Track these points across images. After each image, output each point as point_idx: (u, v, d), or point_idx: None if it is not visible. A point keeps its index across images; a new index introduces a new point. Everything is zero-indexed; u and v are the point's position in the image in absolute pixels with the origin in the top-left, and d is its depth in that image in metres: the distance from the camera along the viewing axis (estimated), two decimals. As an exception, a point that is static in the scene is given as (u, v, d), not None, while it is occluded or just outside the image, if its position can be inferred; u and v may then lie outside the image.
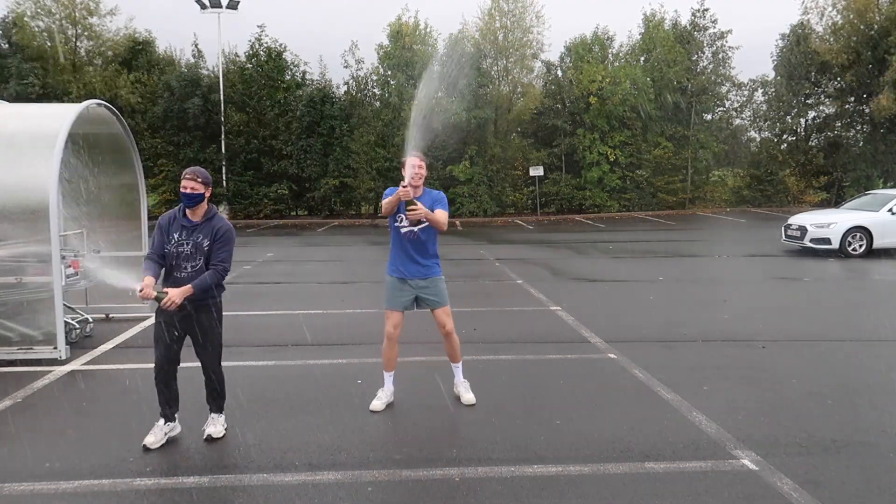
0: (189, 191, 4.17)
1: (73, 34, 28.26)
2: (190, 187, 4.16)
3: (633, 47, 30.46)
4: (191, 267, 4.21)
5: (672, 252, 15.23)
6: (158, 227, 4.26)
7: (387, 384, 5.08)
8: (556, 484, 3.70)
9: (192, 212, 4.24)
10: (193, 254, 4.21)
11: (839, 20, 29.01)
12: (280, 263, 13.75)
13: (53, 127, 6.29)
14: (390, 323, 4.95)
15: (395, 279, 4.95)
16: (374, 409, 4.87)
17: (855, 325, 7.57)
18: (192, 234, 4.22)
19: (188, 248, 4.21)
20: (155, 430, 4.27)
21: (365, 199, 29.75)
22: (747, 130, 33.13)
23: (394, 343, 5.00)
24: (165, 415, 4.33)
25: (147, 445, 4.17)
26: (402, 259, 4.91)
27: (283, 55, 28.94)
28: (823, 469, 3.86)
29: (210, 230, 4.25)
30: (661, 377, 5.60)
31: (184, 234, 4.22)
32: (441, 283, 4.98)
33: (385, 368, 5.08)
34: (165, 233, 4.24)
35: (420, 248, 4.89)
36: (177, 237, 4.22)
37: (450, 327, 4.98)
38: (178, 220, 4.26)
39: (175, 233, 4.22)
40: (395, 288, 4.93)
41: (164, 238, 4.23)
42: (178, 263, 4.21)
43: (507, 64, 29.28)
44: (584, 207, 28.39)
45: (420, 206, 4.64)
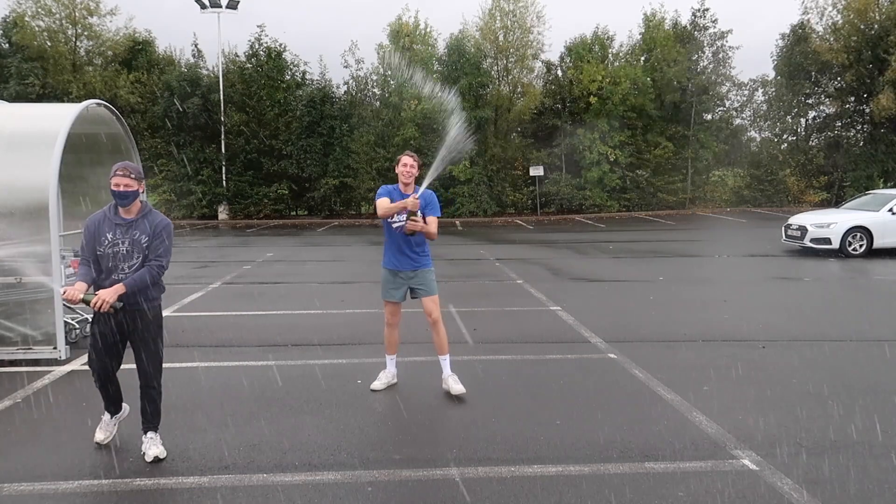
0: (122, 188, 3.90)
1: (73, 34, 28.25)
2: (123, 184, 3.89)
3: (633, 47, 30.46)
4: (128, 267, 3.95)
5: (672, 252, 15.22)
6: (86, 229, 3.98)
7: (389, 366, 5.40)
8: (556, 484, 3.70)
9: (125, 209, 3.97)
10: (131, 252, 3.95)
11: (839, 20, 29.04)
12: (280, 263, 13.75)
13: (53, 127, 6.28)
14: (388, 312, 5.34)
15: (388, 271, 5.25)
16: (375, 388, 5.20)
17: (855, 325, 7.56)
18: (127, 231, 3.95)
19: (125, 246, 3.95)
20: (103, 426, 4.22)
21: (365, 199, 29.75)
22: (747, 130, 33.16)
23: (393, 329, 5.36)
24: (110, 410, 4.23)
25: (98, 442, 4.16)
26: (394, 252, 5.18)
27: (282, 55, 28.96)
28: (823, 469, 3.86)
29: (147, 226, 4.00)
30: (661, 377, 5.59)
31: (118, 232, 3.95)
32: (430, 275, 5.23)
33: (387, 351, 5.41)
34: (95, 234, 3.96)
35: (410, 241, 5.15)
36: (111, 237, 3.95)
37: (436, 315, 5.18)
38: (110, 218, 3.98)
39: (108, 233, 3.95)
40: (389, 280, 5.24)
41: (96, 240, 3.95)
42: (115, 265, 3.93)
43: (507, 64, 29.28)
44: (584, 207, 28.39)
45: (420, 220, 4.91)
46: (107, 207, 4.04)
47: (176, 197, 28.07)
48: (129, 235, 3.95)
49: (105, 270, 3.95)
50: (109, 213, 4.02)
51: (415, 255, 5.19)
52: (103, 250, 3.94)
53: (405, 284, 5.20)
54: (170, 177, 27.94)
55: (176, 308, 8.83)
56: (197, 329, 7.66)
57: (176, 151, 27.78)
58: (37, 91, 25.59)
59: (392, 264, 5.22)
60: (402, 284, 5.20)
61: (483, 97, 28.26)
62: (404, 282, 5.19)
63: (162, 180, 27.85)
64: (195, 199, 27.74)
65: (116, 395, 4.20)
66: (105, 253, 3.94)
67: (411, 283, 5.19)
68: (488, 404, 4.98)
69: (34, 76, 25.76)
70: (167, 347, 6.97)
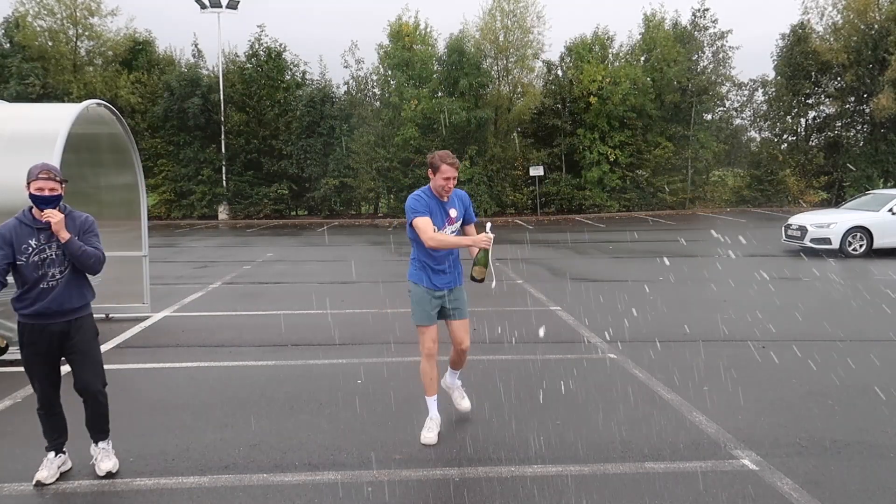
0: (48, 192, 3.63)
1: (74, 34, 28.26)
2: (48, 188, 3.63)
3: (633, 47, 30.44)
4: (59, 273, 3.70)
5: (672, 252, 15.22)
6: (2, 238, 3.62)
7: (432, 410, 4.43)
8: (556, 484, 3.70)
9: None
10: (61, 256, 3.69)
11: (839, 20, 29.03)
12: (280, 263, 13.75)
13: (53, 127, 6.29)
14: (427, 338, 4.35)
15: (423, 290, 4.36)
16: (428, 441, 4.23)
17: (855, 325, 7.56)
18: (52, 235, 3.66)
19: (52, 251, 3.67)
20: (46, 464, 3.79)
21: (365, 199, 29.76)
22: (747, 130, 33.16)
23: (434, 361, 4.39)
24: (55, 447, 3.84)
25: (41, 481, 3.71)
26: (432, 269, 4.34)
27: (282, 55, 28.96)
28: (823, 469, 3.86)
29: (74, 225, 3.74)
30: (661, 377, 5.60)
31: (42, 237, 3.66)
32: (465, 292, 4.53)
33: (426, 392, 4.43)
34: (11, 243, 3.61)
35: (450, 256, 4.42)
36: (34, 243, 3.64)
37: (468, 345, 4.51)
38: (28, 224, 3.66)
39: (30, 239, 3.64)
40: (424, 300, 4.34)
41: (14, 249, 3.61)
42: (44, 272, 3.65)
43: (507, 64, 29.27)
44: (584, 207, 28.39)
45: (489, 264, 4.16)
46: (20, 213, 3.73)
47: (176, 197, 28.08)
48: (55, 239, 3.67)
49: (29, 282, 3.64)
50: (25, 218, 3.69)
51: (452, 271, 4.42)
52: (27, 259, 3.63)
53: (440, 304, 4.40)
54: (170, 177, 27.94)
55: (176, 308, 8.83)
56: (197, 329, 7.66)
57: (176, 151, 27.78)
58: (37, 91, 25.59)
59: (428, 282, 4.35)
60: (438, 304, 4.39)
61: (483, 97, 28.24)
62: (440, 301, 4.39)
63: (162, 180, 27.86)
64: (195, 199, 27.74)
65: (62, 422, 3.88)
66: (30, 262, 3.63)
67: (446, 303, 4.40)
68: (488, 404, 4.98)
69: (35, 76, 25.76)
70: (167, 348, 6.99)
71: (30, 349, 3.71)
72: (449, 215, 4.33)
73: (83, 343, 3.78)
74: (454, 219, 4.38)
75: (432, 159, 4.22)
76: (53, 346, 3.73)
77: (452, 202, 4.35)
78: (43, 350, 3.71)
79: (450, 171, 4.19)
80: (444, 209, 4.31)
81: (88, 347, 3.80)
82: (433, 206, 4.26)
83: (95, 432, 3.92)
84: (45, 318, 3.67)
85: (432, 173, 4.23)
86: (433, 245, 4.12)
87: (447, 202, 4.32)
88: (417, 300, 4.34)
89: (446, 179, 4.19)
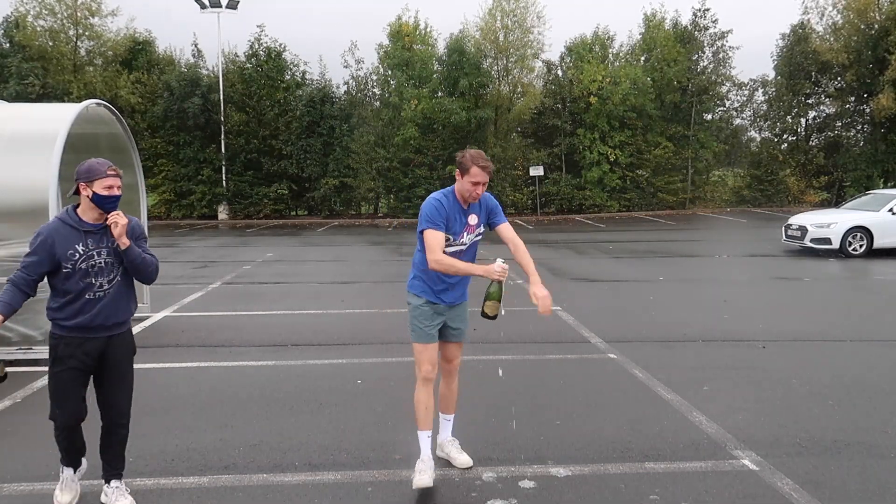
0: (117, 191, 3.22)
1: (74, 34, 28.26)
2: (117, 186, 3.23)
3: (633, 47, 30.45)
4: (107, 282, 3.28)
5: (672, 252, 15.22)
6: (41, 243, 3.18)
7: (424, 450, 3.71)
8: (556, 484, 3.70)
9: (99, 213, 3.25)
10: (112, 264, 3.27)
11: (839, 20, 29.01)
12: (280, 263, 13.75)
13: (53, 127, 6.29)
14: (425, 359, 3.77)
15: (426, 304, 3.79)
16: (423, 485, 3.58)
17: (855, 325, 7.56)
18: (102, 239, 3.25)
19: (102, 257, 3.24)
20: (68, 484, 3.47)
21: (365, 199, 29.75)
22: (747, 130, 33.14)
23: (431, 387, 3.80)
24: (74, 463, 3.50)
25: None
26: (439, 282, 3.77)
27: (282, 55, 28.95)
28: (823, 469, 3.86)
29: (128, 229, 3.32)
30: (661, 377, 5.60)
31: (90, 241, 3.23)
32: (466, 309, 4.01)
33: (419, 425, 3.76)
34: (57, 248, 3.17)
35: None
36: (81, 248, 3.20)
37: (458, 363, 4.01)
38: (74, 226, 3.22)
39: (77, 244, 3.19)
40: (426, 316, 3.78)
41: (60, 255, 3.17)
42: (91, 282, 3.23)
43: (507, 64, 29.27)
44: (584, 207, 28.38)
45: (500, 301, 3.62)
46: (62, 213, 3.29)
47: (176, 197, 28.08)
48: (105, 244, 3.26)
49: (73, 292, 3.22)
50: (70, 219, 3.25)
51: (463, 287, 3.89)
52: (73, 266, 3.19)
53: (442, 319, 3.85)
54: (170, 177, 27.93)
55: (176, 308, 8.83)
56: (197, 329, 7.66)
57: (176, 151, 27.77)
58: (37, 91, 25.58)
59: (431, 294, 3.79)
60: (441, 320, 3.84)
61: (483, 97, 28.23)
62: (441, 316, 3.84)
63: (162, 180, 27.85)
64: (195, 199, 27.75)
65: (82, 441, 3.47)
66: (76, 269, 3.19)
67: (448, 319, 3.86)
68: (488, 404, 4.98)
69: (34, 76, 25.75)
70: (167, 347, 6.99)
71: (63, 365, 3.26)
72: (468, 223, 3.79)
73: (122, 362, 3.41)
74: (473, 227, 3.82)
75: (462, 159, 3.66)
76: (91, 362, 3.31)
77: (473, 207, 3.81)
78: (78, 366, 3.28)
79: (480, 175, 3.62)
80: (464, 215, 3.77)
81: (126, 368, 3.44)
82: (453, 212, 3.72)
83: (112, 466, 3.47)
84: (86, 331, 3.26)
85: (460, 175, 3.66)
86: (436, 269, 3.62)
87: (468, 208, 3.79)
88: (418, 316, 3.79)
89: (475, 185, 3.64)
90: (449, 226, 3.69)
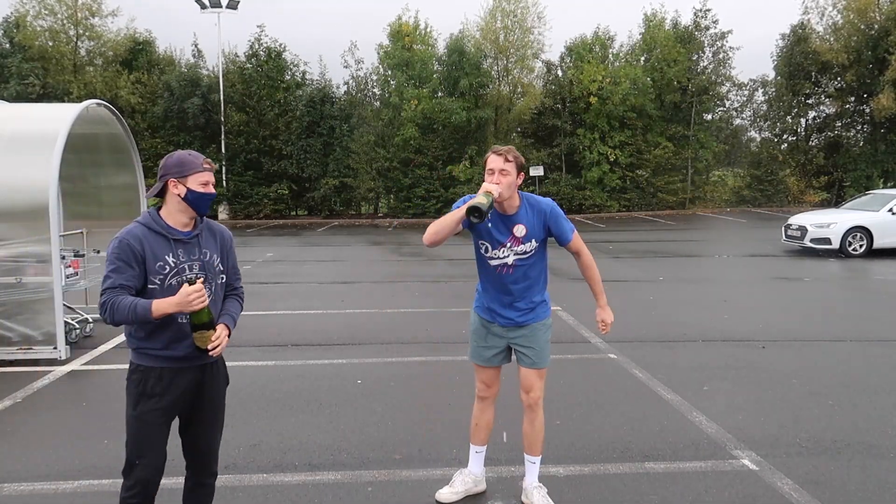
0: (212, 188, 2.68)
1: (74, 34, 28.26)
2: (212, 182, 2.69)
3: (633, 47, 30.45)
4: None
5: (672, 252, 15.22)
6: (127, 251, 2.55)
7: (471, 464, 3.60)
8: (556, 484, 3.70)
9: (189, 218, 2.68)
10: (205, 281, 2.67)
11: (839, 20, 29.02)
12: (280, 263, 13.75)
13: (54, 127, 6.29)
14: (479, 379, 3.55)
15: (480, 321, 3.45)
16: (441, 499, 3.47)
17: (855, 325, 7.56)
18: (193, 251, 2.67)
19: (195, 272, 2.67)
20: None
21: (365, 199, 29.75)
22: (747, 130, 33.17)
23: (486, 405, 3.58)
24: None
25: None
26: (494, 297, 3.36)
27: (282, 55, 28.96)
28: (823, 469, 3.86)
29: (213, 238, 2.78)
30: (661, 377, 5.60)
31: (182, 253, 2.64)
32: (543, 332, 3.40)
33: (472, 439, 3.62)
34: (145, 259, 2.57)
35: (523, 286, 3.32)
36: (172, 261, 2.61)
37: (536, 396, 3.41)
38: (163, 233, 2.62)
39: (166, 255, 2.60)
40: (479, 335, 3.44)
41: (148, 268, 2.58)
42: None
43: (507, 64, 29.27)
44: (584, 207, 28.39)
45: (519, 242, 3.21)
46: (144, 218, 2.67)
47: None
48: (197, 257, 2.68)
49: None
50: (157, 225, 2.63)
51: (525, 303, 3.34)
52: (162, 282, 2.59)
53: (503, 342, 3.41)
54: (170, 177, 27.92)
55: (176, 308, 8.83)
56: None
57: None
58: (37, 91, 25.59)
59: (485, 311, 3.42)
60: (500, 342, 3.41)
61: (483, 97, 28.24)
62: (501, 338, 3.41)
63: (162, 180, 27.85)
64: (195, 199, 27.75)
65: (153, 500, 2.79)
66: (165, 286, 2.59)
67: (513, 342, 3.40)
68: (488, 404, 4.97)
69: (35, 76, 25.76)
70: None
71: (153, 403, 2.63)
72: (513, 233, 3.23)
73: (216, 397, 2.82)
74: (519, 239, 3.23)
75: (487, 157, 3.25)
76: (186, 398, 2.71)
77: (522, 216, 3.23)
78: (170, 405, 2.67)
79: (493, 161, 3.15)
80: (505, 223, 3.23)
81: (220, 403, 2.84)
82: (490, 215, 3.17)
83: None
84: (181, 360, 2.66)
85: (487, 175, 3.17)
86: (426, 240, 3.14)
87: (514, 215, 3.22)
88: (472, 332, 3.49)
89: (490, 173, 3.13)
90: (489, 237, 3.25)
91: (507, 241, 3.24)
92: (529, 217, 3.24)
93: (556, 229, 3.27)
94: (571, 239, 3.31)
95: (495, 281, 3.32)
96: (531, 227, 3.23)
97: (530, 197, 3.30)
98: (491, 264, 3.29)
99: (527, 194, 3.32)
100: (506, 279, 3.29)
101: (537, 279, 3.35)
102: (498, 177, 3.11)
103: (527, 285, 3.31)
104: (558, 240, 3.32)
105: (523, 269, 3.28)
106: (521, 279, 3.30)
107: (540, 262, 3.34)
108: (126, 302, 2.50)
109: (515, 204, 3.23)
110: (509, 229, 3.23)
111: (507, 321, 3.35)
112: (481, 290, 3.44)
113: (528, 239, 3.24)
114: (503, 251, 3.25)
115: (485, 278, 3.40)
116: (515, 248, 3.25)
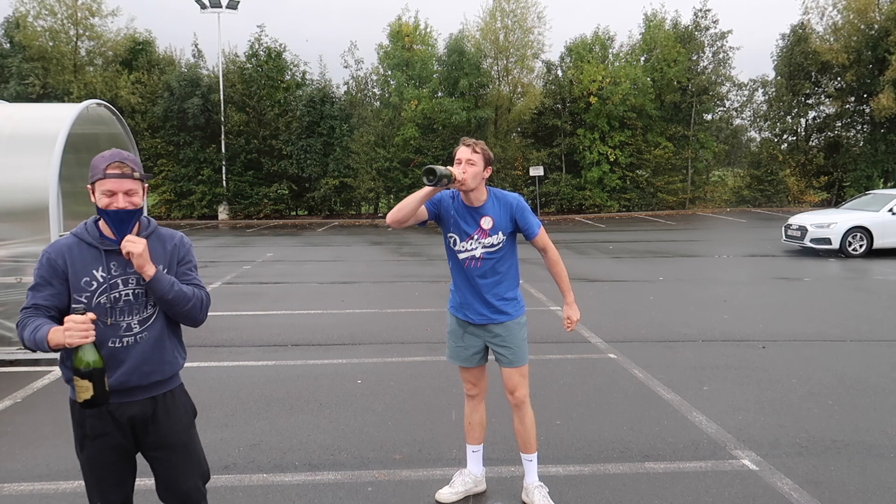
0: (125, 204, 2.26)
1: (74, 34, 28.27)
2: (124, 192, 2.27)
3: (633, 47, 30.45)
4: (138, 323, 2.33)
5: (672, 252, 15.22)
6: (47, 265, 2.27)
7: (470, 464, 3.61)
8: (556, 484, 3.70)
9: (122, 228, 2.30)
10: (142, 298, 2.33)
11: (839, 20, 29.03)
12: (280, 263, 13.75)
13: (54, 127, 6.29)
14: (464, 379, 3.59)
15: (455, 320, 3.47)
16: (441, 499, 3.49)
17: (855, 325, 7.56)
18: (130, 263, 2.29)
19: (130, 287, 2.31)
20: None
21: (365, 199, 29.76)
22: (747, 130, 33.17)
23: (476, 403, 3.61)
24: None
25: None
26: (465, 294, 3.37)
27: (282, 55, 28.97)
28: (823, 469, 3.86)
29: (164, 250, 2.40)
30: (661, 377, 5.60)
31: (115, 266, 2.29)
32: (518, 331, 3.42)
33: (466, 438, 3.64)
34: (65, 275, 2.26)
35: (492, 281, 3.32)
36: (101, 275, 2.28)
37: (521, 395, 3.46)
38: (92, 245, 2.30)
39: (95, 269, 2.27)
40: (456, 335, 3.46)
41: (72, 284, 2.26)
42: (115, 322, 2.29)
43: (507, 64, 29.28)
44: (584, 207, 28.41)
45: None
46: (79, 228, 2.35)
47: (176, 197, 28.10)
48: (135, 270, 2.30)
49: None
50: (89, 235, 2.32)
51: (495, 298, 3.34)
52: (90, 299, 2.26)
53: (480, 342, 3.44)
54: (170, 177, 27.96)
55: (176, 308, 8.83)
56: (197, 329, 7.65)
57: (176, 151, 27.79)
58: (37, 91, 25.61)
59: (461, 312, 3.42)
60: (477, 342, 3.43)
61: (483, 97, 28.26)
62: (477, 338, 3.43)
63: (162, 180, 27.88)
64: (195, 199, 27.78)
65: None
66: (93, 305, 2.25)
67: (490, 342, 3.43)
68: (488, 404, 4.97)
69: (35, 76, 25.77)
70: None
71: (96, 445, 2.35)
72: (480, 225, 3.27)
73: (176, 432, 2.45)
74: (487, 231, 3.27)
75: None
76: (128, 438, 2.39)
77: (489, 208, 3.28)
78: (117, 445, 2.37)
79: (461, 151, 3.19)
80: (473, 215, 3.28)
81: (185, 438, 2.49)
82: (457, 207, 3.28)
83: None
84: (119, 394, 2.33)
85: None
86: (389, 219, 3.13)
87: (480, 207, 3.28)
88: (448, 332, 3.51)
89: (458, 162, 3.17)
90: (456, 228, 3.29)
91: (475, 234, 3.28)
92: (496, 209, 3.30)
93: (523, 223, 3.32)
94: (538, 234, 3.35)
95: (465, 276, 3.35)
96: (498, 220, 3.29)
97: (497, 191, 3.36)
98: (460, 258, 3.33)
99: (494, 189, 3.38)
100: (474, 272, 3.31)
101: (506, 274, 3.37)
102: (465, 166, 3.16)
103: (496, 280, 3.33)
104: (525, 234, 3.36)
105: (491, 262, 3.31)
106: (490, 273, 3.32)
107: (509, 257, 3.38)
108: (31, 326, 2.19)
109: (483, 197, 3.29)
110: (476, 221, 3.29)
111: (481, 317, 3.37)
112: (454, 289, 3.47)
113: (494, 231, 3.29)
114: (471, 243, 3.29)
115: (456, 274, 3.42)
116: (483, 240, 3.28)
